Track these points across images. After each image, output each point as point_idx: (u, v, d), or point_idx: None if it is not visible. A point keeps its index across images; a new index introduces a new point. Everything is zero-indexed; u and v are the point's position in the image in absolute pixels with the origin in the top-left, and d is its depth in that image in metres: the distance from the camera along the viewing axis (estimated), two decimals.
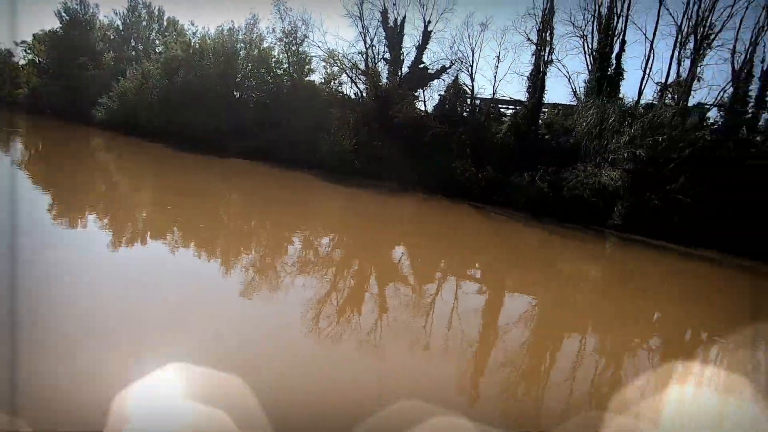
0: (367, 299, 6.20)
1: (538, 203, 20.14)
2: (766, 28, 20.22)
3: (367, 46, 25.05)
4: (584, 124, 20.79)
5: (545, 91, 22.81)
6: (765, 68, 20.23)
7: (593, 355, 5.09)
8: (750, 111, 20.35)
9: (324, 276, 7.19)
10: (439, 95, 25.41)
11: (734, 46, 20.75)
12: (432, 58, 25.51)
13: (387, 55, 25.61)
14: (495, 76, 23.89)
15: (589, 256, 14.11)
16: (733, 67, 20.70)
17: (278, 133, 24.66)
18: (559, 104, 24.02)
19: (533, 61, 22.73)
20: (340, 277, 7.34)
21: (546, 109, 23.38)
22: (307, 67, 28.73)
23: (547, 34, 22.31)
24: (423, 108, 25.76)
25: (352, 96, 26.29)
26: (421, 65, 25.27)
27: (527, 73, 22.94)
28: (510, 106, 24.29)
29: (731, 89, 20.76)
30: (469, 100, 25.14)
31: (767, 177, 18.87)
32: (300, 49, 27.90)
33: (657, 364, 5.32)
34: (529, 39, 22.89)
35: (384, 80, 25.52)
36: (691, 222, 17.88)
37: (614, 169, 19.72)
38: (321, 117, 24.46)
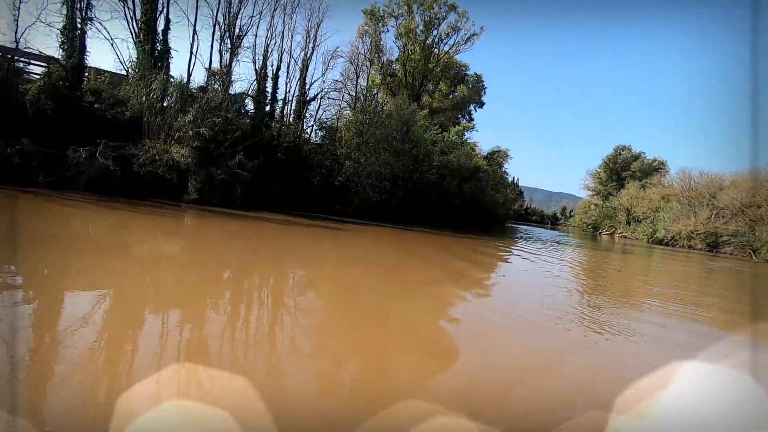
0: None
1: (105, 182, 17.39)
2: (274, 43, 26.50)
3: None
4: (144, 98, 19.50)
5: (87, 53, 19.21)
6: (273, 73, 26.67)
7: (186, 325, 5.15)
8: (268, 103, 26.53)
9: None
10: None
11: (254, 52, 25.86)
12: None
13: None
14: (17, 22, 17.35)
15: (171, 231, 13.86)
16: (255, 68, 25.90)
17: None
18: (105, 71, 20.99)
19: (67, 13, 18.31)
20: None
21: (88, 75, 19.80)
22: None
23: None
24: None
25: None
26: None
27: (60, 26, 18.27)
28: (41, 63, 18.56)
29: (256, 85, 26.03)
30: None
31: (287, 154, 25.67)
32: None
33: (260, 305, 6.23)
34: None
35: None
36: (250, 190, 21.67)
37: (183, 147, 20.10)
38: None
